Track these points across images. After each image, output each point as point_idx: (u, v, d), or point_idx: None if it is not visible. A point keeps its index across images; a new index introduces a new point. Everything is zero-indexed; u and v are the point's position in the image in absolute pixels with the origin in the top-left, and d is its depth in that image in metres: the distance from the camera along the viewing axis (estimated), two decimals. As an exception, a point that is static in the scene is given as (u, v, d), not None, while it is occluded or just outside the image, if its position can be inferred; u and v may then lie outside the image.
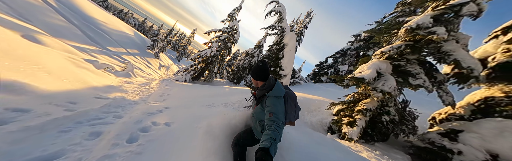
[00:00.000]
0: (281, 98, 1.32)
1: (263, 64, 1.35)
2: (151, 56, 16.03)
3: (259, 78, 1.37)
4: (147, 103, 3.78)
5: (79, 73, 4.16)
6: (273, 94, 1.29)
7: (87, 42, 9.45)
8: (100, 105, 2.85)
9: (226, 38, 13.15)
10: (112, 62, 8.74)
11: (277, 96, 1.30)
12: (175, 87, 6.39)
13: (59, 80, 3.24)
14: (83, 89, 3.44)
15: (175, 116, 2.64)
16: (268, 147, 0.95)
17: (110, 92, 4.03)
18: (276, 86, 1.32)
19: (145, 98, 4.43)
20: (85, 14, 11.85)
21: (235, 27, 13.19)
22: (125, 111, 2.89)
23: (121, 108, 3.07)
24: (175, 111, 3.18)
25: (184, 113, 2.87)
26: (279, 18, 3.51)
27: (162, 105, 3.73)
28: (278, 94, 1.30)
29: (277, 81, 1.38)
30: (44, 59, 3.71)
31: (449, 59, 2.26)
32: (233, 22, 13.12)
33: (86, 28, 10.72)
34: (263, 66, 1.34)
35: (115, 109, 2.91)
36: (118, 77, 6.43)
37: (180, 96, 4.80)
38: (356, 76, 2.34)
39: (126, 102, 3.56)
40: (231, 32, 13.16)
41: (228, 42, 13.36)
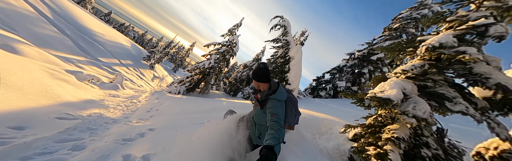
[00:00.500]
0: (282, 101, 1.30)
1: (264, 66, 1.34)
2: (146, 67, 15.37)
3: (262, 80, 1.35)
4: (128, 122, 3.07)
5: (53, 86, 3.46)
6: (275, 98, 1.29)
7: (76, 52, 8.84)
8: (60, 129, 2.15)
9: (225, 51, 13.06)
10: (100, 73, 8.02)
11: (279, 99, 1.29)
12: (166, 100, 5.53)
13: (22, 95, 2.56)
14: (47, 107, 2.74)
15: (159, 144, 1.98)
16: (273, 145, 0.93)
17: (85, 109, 3.32)
18: (279, 90, 1.31)
19: (129, 114, 3.65)
20: (81, 25, 11.53)
21: (234, 41, 13.28)
22: (94, 137, 2.19)
23: (90, 132, 2.39)
24: (162, 134, 2.49)
25: (173, 137, 2.19)
26: (284, 32, 3.28)
27: (146, 125, 3.01)
28: (280, 98, 1.30)
29: (280, 85, 1.37)
30: (11, 71, 3.06)
31: (489, 83, 1.89)
32: (233, 36, 13.29)
33: (79, 38, 10.23)
34: (265, 68, 1.33)
35: (80, 135, 2.22)
36: (103, 90, 5.66)
37: (170, 112, 4.01)
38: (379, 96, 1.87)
39: (102, 122, 2.88)
40: (230, 45, 13.17)
41: (227, 55, 13.24)
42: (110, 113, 3.46)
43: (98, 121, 2.88)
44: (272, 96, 1.28)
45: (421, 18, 8.55)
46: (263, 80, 1.34)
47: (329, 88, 11.43)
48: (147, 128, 2.77)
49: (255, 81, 1.39)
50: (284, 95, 1.31)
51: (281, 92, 1.30)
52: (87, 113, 3.15)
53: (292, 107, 1.40)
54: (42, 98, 2.81)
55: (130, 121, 3.13)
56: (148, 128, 2.78)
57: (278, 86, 1.33)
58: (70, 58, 7.72)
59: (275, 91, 1.30)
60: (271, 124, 1.11)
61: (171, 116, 3.51)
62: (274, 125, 1.09)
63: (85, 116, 2.95)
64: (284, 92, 1.33)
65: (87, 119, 2.85)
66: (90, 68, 8.03)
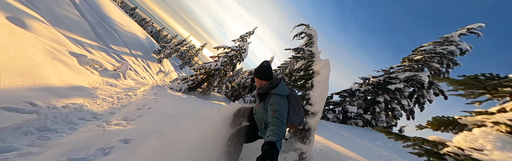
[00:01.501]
0: (284, 97, 1.24)
1: (268, 64, 1.31)
2: (154, 60, 14.97)
3: (264, 78, 1.30)
4: (105, 123, 2.21)
5: (42, 66, 2.94)
6: (277, 92, 1.23)
7: (91, 37, 8.51)
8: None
9: (233, 55, 12.82)
10: (107, 60, 7.57)
11: (280, 94, 1.23)
12: (164, 97, 4.74)
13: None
14: (13, 90, 2.06)
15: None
16: (275, 141, 0.90)
17: (67, 97, 2.64)
18: (281, 84, 1.26)
19: (116, 110, 2.87)
20: (103, 13, 11.41)
21: (244, 47, 13.12)
22: (31, 148, 1.35)
23: (37, 136, 1.54)
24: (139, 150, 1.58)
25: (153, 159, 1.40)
26: (308, 42, 2.85)
27: (125, 130, 2.10)
28: (282, 92, 1.23)
29: (282, 80, 1.32)
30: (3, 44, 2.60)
31: None
32: (244, 43, 13.18)
33: (97, 25, 10.00)
34: (268, 66, 1.31)
35: (15, 142, 1.36)
36: (102, 77, 5.14)
37: (162, 113, 3.14)
38: (478, 158, 1.01)
39: (74, 117, 2.17)
40: (239, 50, 12.99)
41: (235, 59, 12.96)
42: (95, 105, 2.77)
43: (69, 117, 2.12)
44: (273, 91, 1.23)
45: (448, 54, 7.81)
46: (266, 78, 1.30)
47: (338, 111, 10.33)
48: (122, 136, 1.86)
49: (257, 79, 1.34)
50: (285, 90, 1.25)
51: (283, 87, 1.24)
52: (64, 103, 2.36)
53: (295, 105, 1.33)
54: (18, 78, 2.20)
55: (109, 121, 2.27)
56: (123, 136, 1.86)
57: (280, 81, 1.28)
58: (82, 41, 7.36)
59: (276, 85, 1.24)
60: (273, 120, 1.07)
61: (160, 120, 2.60)
62: (275, 121, 1.05)
63: (56, 108, 2.15)
64: (285, 87, 1.26)
65: (54, 112, 2.07)
66: (99, 54, 7.60)
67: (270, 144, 0.87)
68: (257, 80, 1.35)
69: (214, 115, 1.80)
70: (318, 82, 2.08)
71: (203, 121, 1.83)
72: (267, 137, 0.95)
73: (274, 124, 1.03)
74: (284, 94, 1.23)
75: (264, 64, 1.31)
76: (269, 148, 0.85)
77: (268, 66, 1.31)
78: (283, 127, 1.03)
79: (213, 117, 1.77)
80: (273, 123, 1.04)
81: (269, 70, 1.31)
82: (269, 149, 0.85)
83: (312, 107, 1.95)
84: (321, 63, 2.43)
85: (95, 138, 1.74)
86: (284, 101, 1.20)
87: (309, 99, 1.99)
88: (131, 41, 12.91)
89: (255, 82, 1.39)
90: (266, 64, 1.31)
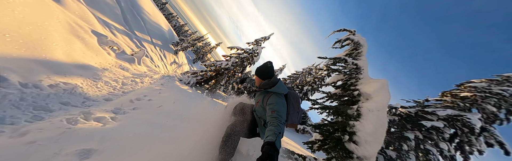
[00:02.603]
0: (282, 97, 1.20)
1: (271, 65, 1.28)
2: (171, 51, 14.86)
3: (265, 78, 1.27)
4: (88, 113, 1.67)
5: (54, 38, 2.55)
6: (276, 91, 1.19)
7: (119, 21, 8.44)
8: None
9: (245, 58, 12.48)
10: (127, 43, 7.36)
11: (279, 93, 1.19)
12: (169, 89, 4.23)
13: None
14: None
15: None
16: (274, 141, 0.88)
17: (65, 74, 2.17)
18: (279, 83, 1.21)
19: (113, 96, 2.39)
20: (136, 2, 11.52)
21: (257, 51, 12.77)
22: None
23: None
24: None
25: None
26: (354, 52, 2.21)
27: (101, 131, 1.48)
28: (280, 91, 1.19)
29: (280, 79, 1.27)
30: (20, 8, 2.28)
31: None
32: (258, 47, 12.86)
33: (128, 11, 10.00)
34: (271, 67, 1.28)
35: None
36: (117, 60, 4.82)
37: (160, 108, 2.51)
38: None
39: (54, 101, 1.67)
40: (252, 54, 12.66)
41: (246, 61, 12.60)
42: (93, 88, 2.31)
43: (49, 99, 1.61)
44: (272, 89, 1.18)
45: (510, 98, 6.36)
46: (267, 77, 1.26)
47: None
48: (90, 144, 1.24)
49: (258, 77, 1.30)
50: (284, 88, 1.19)
51: (281, 85, 1.19)
52: (54, 81, 1.87)
53: (294, 104, 1.26)
54: (15, 44, 1.83)
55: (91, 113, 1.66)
56: (91, 145, 1.23)
57: (278, 80, 1.23)
58: (110, 24, 7.24)
59: (275, 84, 1.19)
60: (271, 120, 1.03)
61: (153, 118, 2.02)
62: (274, 121, 1.01)
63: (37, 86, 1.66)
64: (284, 86, 1.21)
65: (29, 92, 1.54)
66: (122, 37, 7.42)
67: (270, 145, 0.84)
68: (257, 79, 1.32)
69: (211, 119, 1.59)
70: (371, 111, 1.33)
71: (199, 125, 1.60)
72: (266, 137, 0.92)
73: (272, 124, 1.00)
74: (283, 92, 1.19)
75: (268, 64, 1.27)
76: (269, 149, 0.82)
77: (271, 66, 1.27)
78: (282, 126, 1.01)
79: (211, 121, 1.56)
80: (272, 123, 1.01)
81: (272, 70, 1.28)
82: (269, 149, 0.82)
83: (359, 148, 1.17)
84: (375, 85, 1.58)
85: (44, 145, 1.05)
86: (283, 101, 1.16)
87: (354, 134, 1.24)
88: (154, 30, 12.90)
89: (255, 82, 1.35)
90: (269, 64, 1.28)
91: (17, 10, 2.19)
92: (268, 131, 0.95)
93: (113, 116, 1.74)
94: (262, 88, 1.22)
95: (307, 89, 9.84)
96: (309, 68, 12.85)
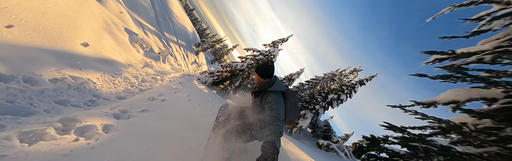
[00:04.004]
0: (280, 94, 1.16)
1: (272, 64, 1.29)
2: (192, 52, 15.28)
3: (266, 76, 1.24)
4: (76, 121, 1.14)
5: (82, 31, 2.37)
6: (274, 89, 1.16)
7: (152, 23, 8.83)
8: None
9: (260, 60, 12.00)
10: (156, 43, 7.55)
11: (277, 91, 1.17)
12: (185, 89, 3.80)
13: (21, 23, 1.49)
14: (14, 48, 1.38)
15: None
16: (274, 140, 0.85)
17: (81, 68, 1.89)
18: (277, 81, 1.19)
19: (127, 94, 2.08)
20: (167, 6, 12.10)
21: (274, 53, 12.16)
22: None
23: None
24: None
25: None
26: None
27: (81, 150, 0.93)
28: (279, 89, 1.17)
29: (277, 77, 1.25)
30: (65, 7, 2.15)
31: None
32: (274, 49, 12.26)
33: (160, 14, 10.49)
34: (272, 66, 1.27)
35: None
36: (144, 57, 4.78)
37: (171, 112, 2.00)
38: None
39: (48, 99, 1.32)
40: (268, 55, 12.11)
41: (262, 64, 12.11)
42: (109, 84, 2.02)
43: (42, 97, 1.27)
44: (271, 88, 1.15)
45: None
46: (267, 76, 1.23)
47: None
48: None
49: (258, 76, 1.25)
50: (282, 86, 1.18)
51: (279, 83, 1.17)
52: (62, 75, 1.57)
53: (292, 101, 1.20)
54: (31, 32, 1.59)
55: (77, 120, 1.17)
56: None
57: (276, 78, 1.21)
58: (144, 24, 7.55)
59: (273, 83, 1.17)
60: (271, 119, 0.98)
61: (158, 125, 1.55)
62: (273, 120, 0.97)
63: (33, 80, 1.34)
64: (281, 84, 1.19)
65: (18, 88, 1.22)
66: (152, 37, 7.67)
67: (270, 144, 0.81)
68: (257, 77, 1.27)
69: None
70: None
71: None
72: (266, 137, 0.87)
73: (272, 123, 0.95)
74: (282, 89, 1.17)
75: (269, 63, 1.26)
76: (269, 148, 0.79)
77: (272, 65, 1.26)
78: (281, 125, 0.95)
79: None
80: (271, 122, 0.95)
81: (272, 69, 1.25)
82: (269, 148, 0.79)
83: None
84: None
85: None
86: (281, 99, 1.11)
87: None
88: (180, 32, 13.40)
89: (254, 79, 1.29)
90: (270, 63, 1.26)
91: (50, 1, 2.07)
92: (268, 130, 0.91)
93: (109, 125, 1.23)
94: (263, 88, 1.19)
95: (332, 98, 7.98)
96: (332, 74, 11.07)
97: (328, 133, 8.02)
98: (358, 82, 8.54)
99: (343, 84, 8.48)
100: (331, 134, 7.90)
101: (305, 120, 7.28)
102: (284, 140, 3.57)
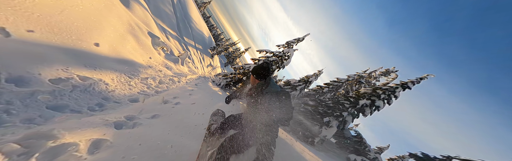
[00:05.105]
0: (275, 95, 1.12)
1: (268, 65, 1.22)
2: (208, 55, 15.74)
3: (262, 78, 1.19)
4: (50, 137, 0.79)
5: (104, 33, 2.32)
6: (269, 91, 1.15)
7: (173, 28, 9.30)
8: None
9: (273, 61, 11.47)
10: (176, 46, 7.81)
11: (273, 91, 1.14)
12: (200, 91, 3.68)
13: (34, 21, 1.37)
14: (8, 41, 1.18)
15: None
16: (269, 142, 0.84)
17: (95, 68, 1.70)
18: (272, 82, 1.19)
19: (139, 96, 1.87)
20: (188, 13, 12.75)
21: (288, 54, 11.52)
22: None
23: None
24: None
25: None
26: None
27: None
28: (273, 90, 1.15)
29: (272, 78, 1.24)
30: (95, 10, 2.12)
31: None
32: (289, 49, 11.61)
33: (181, 20, 11.06)
34: (268, 67, 1.20)
35: None
36: (164, 59, 4.82)
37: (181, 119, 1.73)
38: None
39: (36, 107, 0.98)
40: (282, 57, 11.53)
41: (274, 65, 11.57)
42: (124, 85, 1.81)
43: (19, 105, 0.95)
44: (267, 89, 1.14)
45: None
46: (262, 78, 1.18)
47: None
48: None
49: (253, 77, 1.22)
50: (277, 86, 1.17)
51: (274, 85, 1.17)
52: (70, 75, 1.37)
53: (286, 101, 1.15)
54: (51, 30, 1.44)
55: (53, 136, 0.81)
56: None
57: (270, 79, 1.20)
58: (166, 30, 7.94)
59: (268, 84, 1.17)
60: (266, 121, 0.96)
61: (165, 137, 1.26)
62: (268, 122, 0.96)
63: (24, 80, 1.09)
64: (276, 84, 1.18)
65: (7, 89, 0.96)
66: (173, 41, 7.99)
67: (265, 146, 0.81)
68: (252, 78, 1.24)
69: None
70: None
71: None
72: (261, 138, 0.87)
73: (267, 124, 0.94)
74: (277, 90, 1.13)
75: (264, 65, 1.19)
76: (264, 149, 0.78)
77: (267, 67, 1.19)
78: (276, 127, 0.96)
79: None
80: (267, 123, 0.94)
81: (267, 70, 1.18)
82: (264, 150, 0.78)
83: None
84: None
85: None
86: (275, 99, 1.08)
87: None
88: (198, 36, 13.95)
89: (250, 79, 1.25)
90: (265, 65, 1.20)
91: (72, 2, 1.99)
92: (263, 132, 0.90)
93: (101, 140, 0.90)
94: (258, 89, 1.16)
95: (363, 104, 6.43)
96: (358, 75, 9.38)
97: (361, 146, 6.50)
98: (400, 85, 6.60)
99: (377, 87, 6.83)
100: (364, 148, 6.44)
101: (329, 129, 6.04)
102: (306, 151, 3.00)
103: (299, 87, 12.59)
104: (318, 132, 6.11)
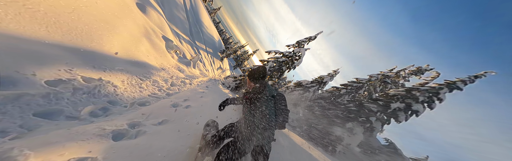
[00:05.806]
0: (270, 99, 1.13)
1: (264, 69, 1.26)
2: (218, 58, 16.00)
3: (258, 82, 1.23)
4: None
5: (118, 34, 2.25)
6: (265, 94, 1.14)
7: (186, 33, 9.62)
8: None
9: (283, 62, 11.02)
10: (189, 50, 8.00)
11: (268, 96, 1.14)
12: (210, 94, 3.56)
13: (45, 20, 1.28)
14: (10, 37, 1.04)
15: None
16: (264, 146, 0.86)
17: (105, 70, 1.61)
18: (268, 86, 1.20)
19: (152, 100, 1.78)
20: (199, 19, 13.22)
21: (299, 54, 10.93)
22: None
23: None
24: None
25: None
26: None
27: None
28: (269, 93, 1.15)
29: (267, 83, 1.26)
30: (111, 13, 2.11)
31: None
32: (300, 49, 11.00)
33: (193, 25, 11.45)
34: (264, 71, 1.24)
35: None
36: (177, 62, 4.83)
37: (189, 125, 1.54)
38: None
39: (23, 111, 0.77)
40: (292, 57, 11.01)
41: (284, 66, 11.08)
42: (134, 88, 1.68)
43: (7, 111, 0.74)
44: (262, 93, 1.13)
45: None
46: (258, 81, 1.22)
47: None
48: None
49: (250, 81, 1.24)
50: (272, 90, 1.18)
51: (270, 89, 1.18)
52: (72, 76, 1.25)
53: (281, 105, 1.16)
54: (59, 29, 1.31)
55: (28, 154, 0.63)
56: None
57: (266, 83, 1.23)
58: (179, 34, 8.21)
59: (264, 88, 1.17)
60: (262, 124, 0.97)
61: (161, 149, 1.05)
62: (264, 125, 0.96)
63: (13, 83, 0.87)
64: (271, 88, 1.20)
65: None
66: (186, 45, 8.21)
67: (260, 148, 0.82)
68: (248, 82, 1.26)
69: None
70: None
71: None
72: (256, 142, 0.89)
73: (264, 127, 0.95)
74: (273, 94, 1.14)
75: (260, 69, 1.22)
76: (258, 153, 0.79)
77: (263, 70, 1.22)
78: (272, 130, 0.97)
79: None
80: (263, 127, 0.95)
81: (264, 74, 1.23)
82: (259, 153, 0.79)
83: None
84: None
85: None
86: (271, 103, 1.09)
87: None
88: (208, 40, 14.33)
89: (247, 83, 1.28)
90: (261, 69, 1.23)
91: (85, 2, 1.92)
92: (259, 135, 0.90)
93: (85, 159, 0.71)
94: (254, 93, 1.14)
95: (396, 108, 5.22)
96: (383, 75, 8.01)
97: (395, 158, 5.52)
98: (446, 86, 5.08)
99: (412, 88, 5.45)
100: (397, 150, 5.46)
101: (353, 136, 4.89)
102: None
103: (312, 88, 11.70)
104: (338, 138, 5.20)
